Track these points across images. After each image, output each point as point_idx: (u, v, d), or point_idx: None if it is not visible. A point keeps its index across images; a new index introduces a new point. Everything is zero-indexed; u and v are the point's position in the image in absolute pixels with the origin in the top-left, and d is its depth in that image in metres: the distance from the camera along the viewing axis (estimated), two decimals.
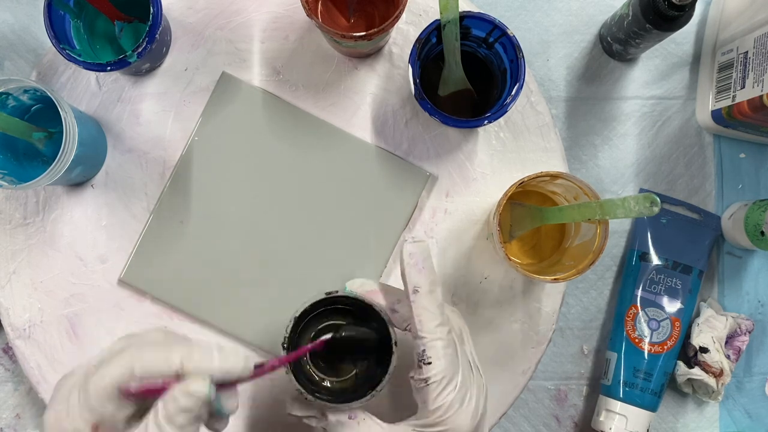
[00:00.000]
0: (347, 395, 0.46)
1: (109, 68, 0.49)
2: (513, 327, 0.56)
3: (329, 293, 0.44)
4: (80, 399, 0.35)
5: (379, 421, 0.43)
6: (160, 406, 0.34)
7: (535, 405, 0.60)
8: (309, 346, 0.43)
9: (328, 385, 0.49)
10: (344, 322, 0.48)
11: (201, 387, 0.33)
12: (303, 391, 0.43)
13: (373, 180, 0.55)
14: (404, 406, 0.45)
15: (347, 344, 0.45)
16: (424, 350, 0.40)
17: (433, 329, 0.40)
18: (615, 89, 0.61)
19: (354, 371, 0.49)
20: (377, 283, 0.45)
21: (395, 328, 0.44)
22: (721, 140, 0.62)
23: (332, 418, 0.42)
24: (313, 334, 0.48)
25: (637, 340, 0.58)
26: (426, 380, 0.40)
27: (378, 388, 0.43)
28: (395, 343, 0.43)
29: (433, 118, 0.49)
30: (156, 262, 0.54)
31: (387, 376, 0.43)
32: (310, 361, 0.49)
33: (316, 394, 0.43)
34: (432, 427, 0.40)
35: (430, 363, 0.40)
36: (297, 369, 0.45)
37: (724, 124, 0.58)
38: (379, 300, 0.44)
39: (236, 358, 0.35)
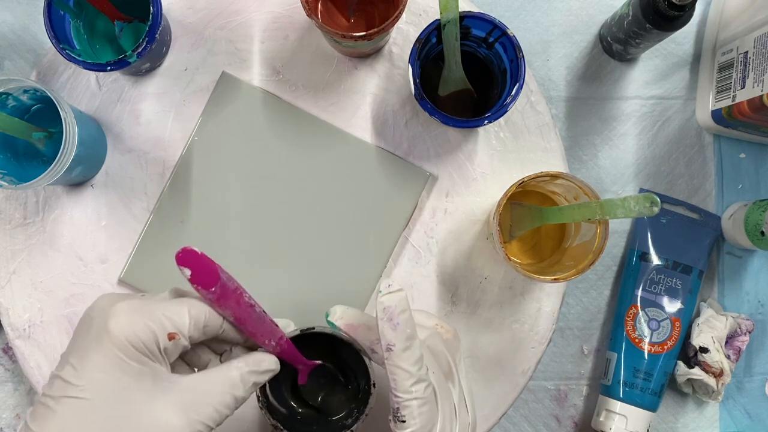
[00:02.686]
0: (326, 426, 0.44)
1: (109, 68, 0.49)
2: (513, 327, 0.56)
3: (304, 330, 0.43)
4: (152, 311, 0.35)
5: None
6: (251, 361, 0.38)
7: (535, 405, 0.60)
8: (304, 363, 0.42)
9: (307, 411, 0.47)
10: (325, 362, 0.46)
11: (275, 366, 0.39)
12: (279, 426, 0.42)
13: (373, 180, 0.55)
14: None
15: (328, 374, 0.45)
16: (398, 408, 0.39)
17: (407, 388, 0.38)
18: (615, 89, 0.61)
19: (336, 398, 0.46)
20: (360, 314, 0.43)
21: (375, 363, 0.43)
22: (721, 140, 0.62)
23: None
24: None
25: (637, 340, 0.58)
26: None
27: (353, 428, 0.42)
28: (374, 384, 0.42)
29: (433, 118, 0.49)
30: (156, 262, 0.54)
31: (363, 416, 0.42)
32: (290, 393, 0.47)
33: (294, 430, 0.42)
34: None
35: (404, 422, 0.38)
36: (273, 400, 0.44)
37: (724, 124, 0.58)
38: (360, 334, 0.42)
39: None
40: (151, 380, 0.34)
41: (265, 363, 0.39)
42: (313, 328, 0.43)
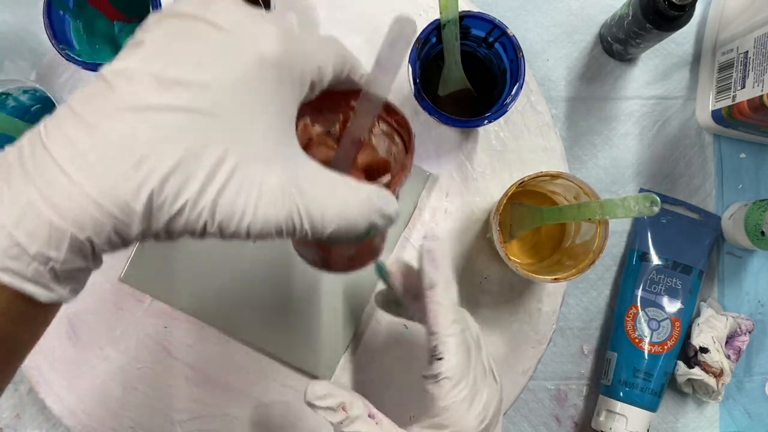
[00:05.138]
0: None
1: None
2: (513, 327, 0.56)
3: None
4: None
5: (394, 424, 0.41)
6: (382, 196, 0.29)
7: (535, 405, 0.60)
8: None
9: None
10: None
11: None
12: None
13: None
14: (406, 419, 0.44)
15: None
16: (436, 345, 0.39)
17: (446, 325, 0.39)
18: (615, 89, 0.61)
19: None
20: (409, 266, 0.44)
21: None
22: (721, 140, 0.62)
23: (352, 413, 0.41)
24: None
25: (637, 340, 0.58)
26: (437, 376, 0.39)
27: None
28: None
29: (433, 118, 0.49)
30: (156, 262, 0.54)
31: None
32: None
33: None
34: (439, 429, 0.39)
35: (441, 359, 0.39)
36: None
37: (725, 124, 0.58)
38: (409, 277, 0.44)
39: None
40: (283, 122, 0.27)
41: (391, 207, 0.30)
42: None
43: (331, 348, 0.54)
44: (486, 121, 0.49)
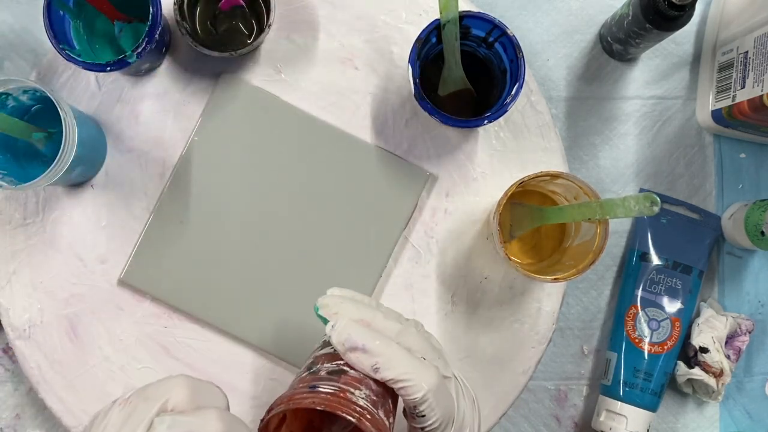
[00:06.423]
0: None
1: (108, 68, 0.49)
2: (513, 327, 0.56)
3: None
4: None
5: None
6: None
7: (535, 405, 0.60)
8: None
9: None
10: None
11: None
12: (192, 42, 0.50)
13: (373, 180, 0.55)
14: None
15: None
16: (415, 406, 0.37)
17: (418, 390, 0.37)
18: (615, 89, 0.61)
19: None
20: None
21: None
22: (721, 140, 0.62)
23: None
24: None
25: (637, 340, 0.58)
26: (422, 429, 0.38)
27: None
28: (269, 25, 0.51)
29: (433, 118, 0.49)
30: (156, 262, 0.54)
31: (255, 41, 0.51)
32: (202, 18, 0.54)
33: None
34: None
35: (423, 416, 0.37)
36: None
37: (725, 123, 0.58)
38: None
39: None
40: None
41: None
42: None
43: None
44: (486, 121, 0.49)
